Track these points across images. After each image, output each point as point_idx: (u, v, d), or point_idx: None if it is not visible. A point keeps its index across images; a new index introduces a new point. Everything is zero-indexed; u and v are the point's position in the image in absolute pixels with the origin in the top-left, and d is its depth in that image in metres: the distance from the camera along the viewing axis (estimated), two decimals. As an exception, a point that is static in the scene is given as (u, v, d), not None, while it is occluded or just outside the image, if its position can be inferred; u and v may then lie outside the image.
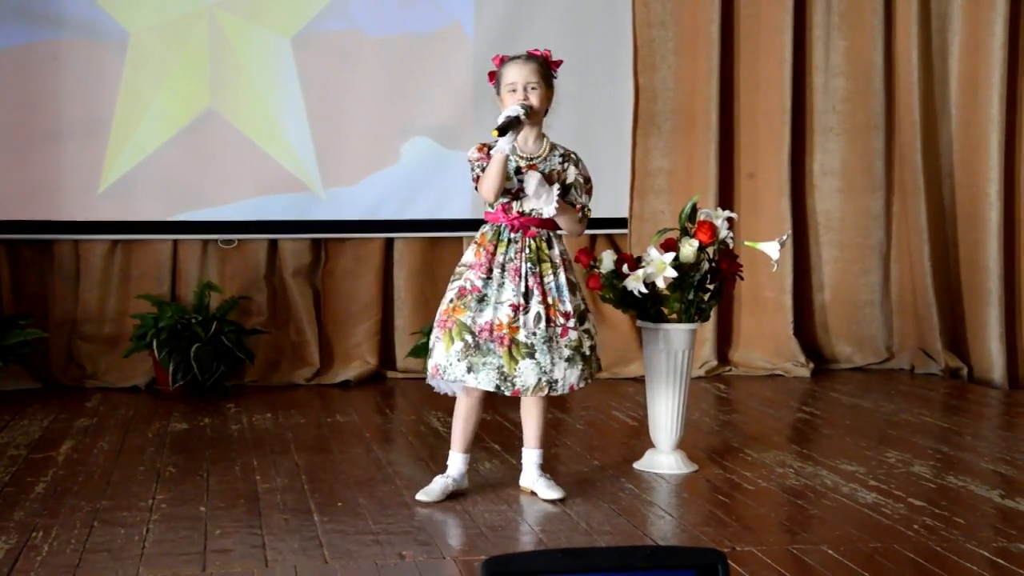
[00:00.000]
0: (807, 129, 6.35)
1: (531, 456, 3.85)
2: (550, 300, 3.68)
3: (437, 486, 3.74)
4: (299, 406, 5.39)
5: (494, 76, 3.80)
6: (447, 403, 3.93)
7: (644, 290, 4.00)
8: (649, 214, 6.22)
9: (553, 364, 3.66)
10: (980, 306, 6.16)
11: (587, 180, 3.81)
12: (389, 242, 6.11)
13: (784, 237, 4.27)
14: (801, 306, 6.37)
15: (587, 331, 3.75)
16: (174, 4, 5.83)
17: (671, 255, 3.99)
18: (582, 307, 3.75)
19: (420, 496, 3.71)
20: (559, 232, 3.79)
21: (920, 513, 3.63)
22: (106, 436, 4.70)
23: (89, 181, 5.80)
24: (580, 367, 3.70)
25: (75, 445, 4.53)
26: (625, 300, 4.11)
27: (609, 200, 6.19)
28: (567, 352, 3.68)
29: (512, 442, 4.60)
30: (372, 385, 5.93)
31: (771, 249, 4.16)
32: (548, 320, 3.66)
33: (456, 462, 3.80)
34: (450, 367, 3.66)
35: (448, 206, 5.97)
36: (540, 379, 3.65)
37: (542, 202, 3.69)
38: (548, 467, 4.12)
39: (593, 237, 6.25)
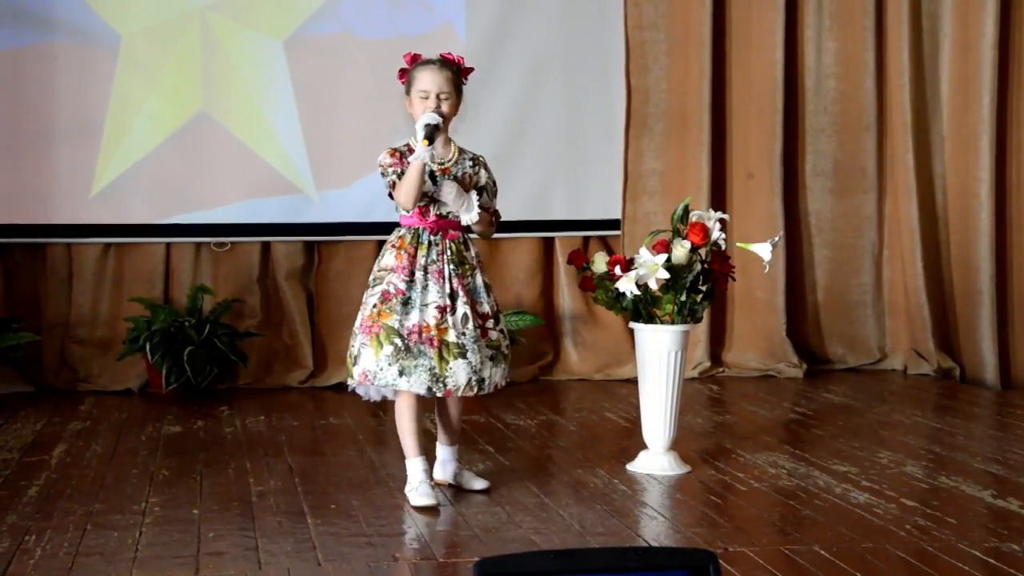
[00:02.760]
0: (799, 130, 6.36)
1: (450, 452, 3.91)
2: (469, 301, 3.71)
3: (429, 488, 3.72)
4: (292, 408, 5.39)
5: (405, 74, 3.82)
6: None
7: (637, 291, 4.01)
8: (642, 216, 6.22)
9: (482, 364, 3.69)
10: (972, 306, 6.17)
11: (495, 183, 3.88)
12: (382, 244, 6.09)
13: (776, 238, 4.28)
14: (794, 307, 6.38)
15: (502, 331, 3.80)
16: (165, 7, 5.83)
17: (663, 256, 4.00)
18: (496, 308, 3.81)
19: (426, 501, 3.65)
20: (471, 235, 3.85)
21: (912, 513, 3.64)
22: (99, 439, 4.70)
23: (81, 184, 5.80)
24: (503, 367, 3.77)
25: (68, 448, 4.53)
26: (618, 301, 4.12)
27: (601, 202, 6.21)
28: (489, 352, 3.73)
29: (505, 443, 4.61)
30: (365, 387, 5.92)
31: (763, 250, 4.17)
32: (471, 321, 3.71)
33: (418, 465, 3.75)
34: (380, 372, 3.65)
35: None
36: (471, 378, 3.67)
37: (462, 210, 3.74)
38: (541, 468, 4.14)
39: (586, 239, 6.25)
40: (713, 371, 6.27)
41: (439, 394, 3.68)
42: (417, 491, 3.71)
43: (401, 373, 3.64)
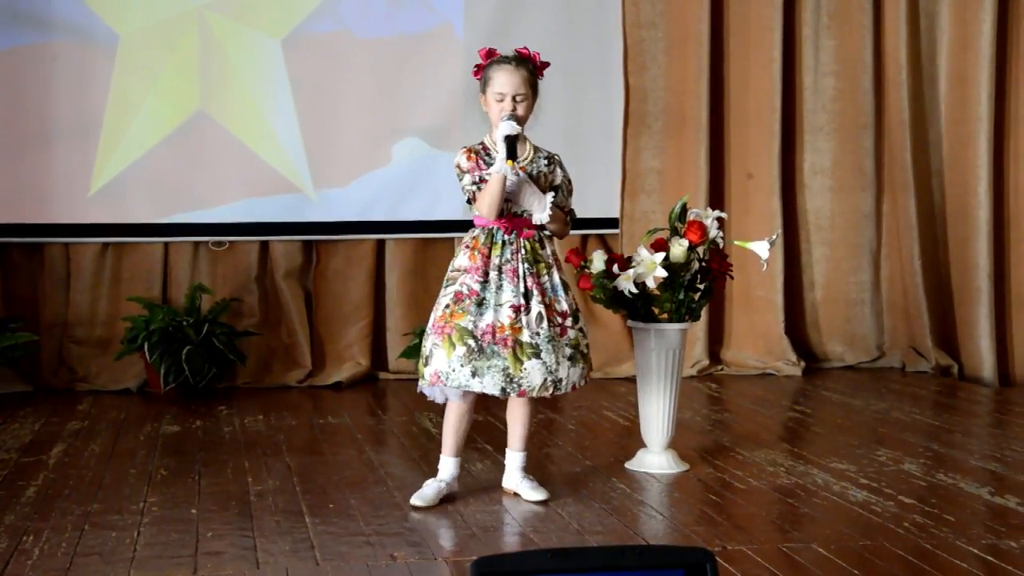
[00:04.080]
0: (797, 128, 6.36)
1: (515, 459, 3.85)
2: (547, 300, 3.68)
3: (431, 490, 3.73)
4: (291, 408, 5.39)
5: (480, 71, 3.77)
6: (439, 405, 3.92)
7: (635, 290, 4.01)
8: (640, 214, 6.22)
9: (558, 363, 3.65)
10: (970, 304, 6.17)
11: (570, 181, 3.83)
12: (381, 243, 6.11)
13: (774, 236, 4.28)
14: (792, 305, 6.38)
15: (581, 330, 3.75)
16: (164, 6, 5.83)
17: (661, 255, 4.00)
18: (575, 306, 3.76)
19: (416, 501, 3.68)
20: (547, 233, 3.79)
21: (910, 511, 3.64)
22: (97, 439, 4.70)
23: (79, 184, 5.80)
24: (581, 366, 3.72)
25: (66, 448, 4.53)
26: (616, 300, 4.12)
27: (600, 200, 6.21)
28: (568, 351, 3.68)
29: (503, 442, 4.59)
30: (364, 386, 5.93)
31: (761, 248, 4.17)
32: (548, 320, 3.66)
33: (448, 466, 3.79)
34: (453, 373, 3.61)
35: (439, 207, 5.97)
36: (546, 379, 3.64)
37: (535, 208, 3.70)
38: (540, 467, 4.13)
39: (584, 237, 6.25)
40: (711, 369, 6.27)
41: (513, 394, 3.64)
42: (421, 489, 3.73)
43: (474, 374, 3.60)
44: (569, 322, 3.70)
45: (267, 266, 6.05)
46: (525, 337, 3.62)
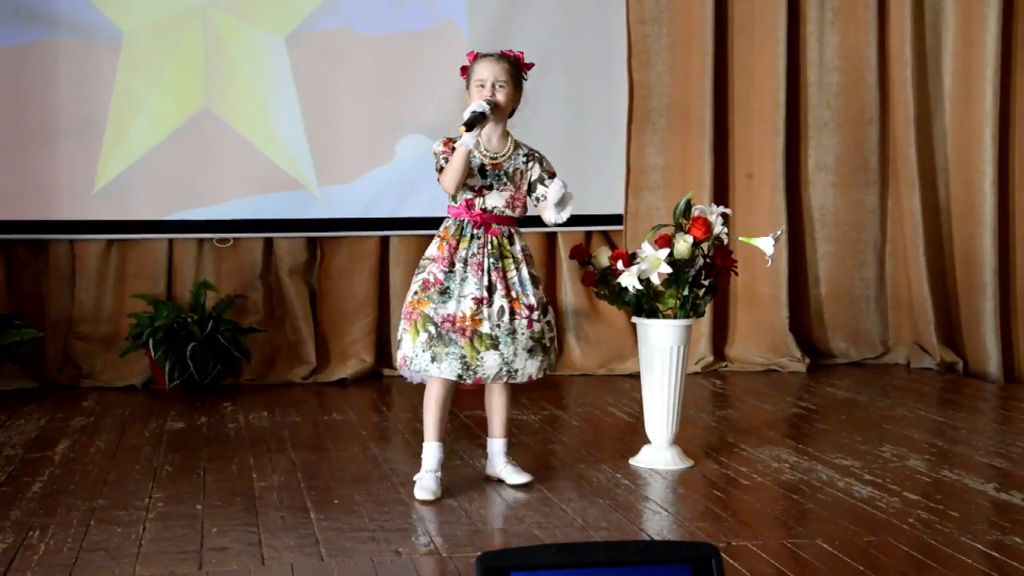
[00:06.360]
0: (801, 124, 6.36)
1: (498, 445, 3.94)
2: (514, 294, 3.76)
3: (431, 482, 3.74)
4: (295, 404, 5.39)
5: (466, 71, 3.89)
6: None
7: (639, 286, 4.01)
8: (644, 210, 6.22)
9: (515, 355, 3.75)
10: (975, 300, 6.17)
11: (553, 174, 3.89)
12: (385, 240, 6.11)
13: (778, 232, 4.27)
14: (796, 301, 6.38)
15: (549, 323, 3.85)
16: (168, 3, 5.83)
17: (666, 251, 4.00)
18: (544, 300, 3.85)
19: (424, 496, 3.69)
20: (520, 229, 3.87)
21: (915, 507, 3.64)
22: (102, 435, 4.71)
23: (84, 181, 5.80)
24: (540, 358, 3.80)
25: (71, 444, 4.54)
26: (620, 296, 4.12)
27: (604, 196, 6.21)
28: (530, 343, 3.76)
29: (509, 439, 4.60)
30: (368, 383, 5.94)
31: (765, 244, 4.17)
32: (512, 313, 3.74)
33: (433, 451, 3.82)
34: (416, 358, 3.74)
35: (443, 204, 5.94)
36: (501, 368, 3.74)
37: (557, 209, 3.78)
38: (544, 463, 4.14)
39: (588, 233, 6.25)
40: (716, 366, 6.27)
41: (469, 381, 3.75)
42: (420, 483, 3.74)
43: (433, 359, 3.71)
44: (536, 315, 3.79)
45: (271, 263, 6.06)
46: (485, 329, 3.72)
